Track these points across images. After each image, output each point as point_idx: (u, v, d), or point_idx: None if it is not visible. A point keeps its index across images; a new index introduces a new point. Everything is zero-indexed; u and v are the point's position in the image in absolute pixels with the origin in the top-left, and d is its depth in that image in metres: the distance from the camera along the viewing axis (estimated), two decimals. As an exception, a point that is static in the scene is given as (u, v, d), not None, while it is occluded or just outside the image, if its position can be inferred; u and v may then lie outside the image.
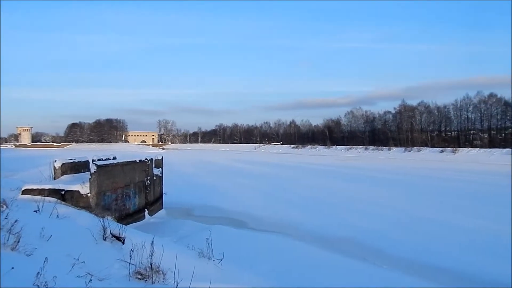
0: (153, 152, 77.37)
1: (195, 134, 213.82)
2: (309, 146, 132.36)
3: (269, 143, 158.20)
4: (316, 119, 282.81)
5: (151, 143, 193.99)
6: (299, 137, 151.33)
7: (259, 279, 8.18)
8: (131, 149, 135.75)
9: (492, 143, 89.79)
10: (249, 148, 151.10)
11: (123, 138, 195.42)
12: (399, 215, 18.21)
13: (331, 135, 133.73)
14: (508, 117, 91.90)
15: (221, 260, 8.40)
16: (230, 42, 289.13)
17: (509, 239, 13.44)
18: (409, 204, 21.64)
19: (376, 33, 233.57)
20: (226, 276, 7.73)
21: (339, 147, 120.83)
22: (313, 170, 48.08)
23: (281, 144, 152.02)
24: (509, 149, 78.67)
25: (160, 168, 20.43)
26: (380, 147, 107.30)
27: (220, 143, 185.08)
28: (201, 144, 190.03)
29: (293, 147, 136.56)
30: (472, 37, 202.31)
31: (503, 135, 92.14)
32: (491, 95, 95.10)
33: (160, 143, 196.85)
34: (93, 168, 13.12)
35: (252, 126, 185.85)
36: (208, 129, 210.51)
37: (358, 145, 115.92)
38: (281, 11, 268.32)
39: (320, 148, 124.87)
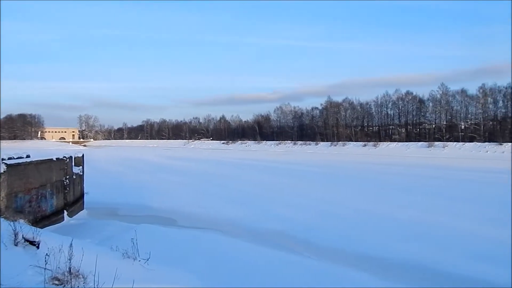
0: (73, 150, 72.60)
1: (120, 130, 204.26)
2: (239, 141, 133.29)
3: (199, 139, 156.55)
4: (246, 114, 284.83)
5: (71, 140, 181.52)
6: (229, 132, 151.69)
7: (188, 278, 8.02)
8: (48, 146, 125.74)
9: (408, 137, 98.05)
10: (178, 144, 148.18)
11: (39, 134, 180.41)
12: (327, 206, 18.94)
13: (261, 130, 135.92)
14: (422, 113, 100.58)
15: (147, 260, 8.10)
16: (157, 36, 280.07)
17: (426, 224, 14.76)
18: (336, 195, 22.63)
19: (304, 31, 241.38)
20: (152, 276, 7.46)
21: (268, 142, 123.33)
22: (244, 165, 48.51)
23: (211, 139, 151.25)
24: (424, 143, 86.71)
25: (81, 166, 19.19)
26: (308, 141, 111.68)
27: (148, 139, 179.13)
28: (127, 140, 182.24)
29: (223, 143, 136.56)
30: (391, 38, 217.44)
31: (418, 130, 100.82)
32: (408, 93, 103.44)
33: (81, 139, 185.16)
34: (2, 167, 11.90)
35: (181, 121, 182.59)
36: (135, 125, 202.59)
37: (287, 140, 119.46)
38: (212, 7, 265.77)
39: (250, 144, 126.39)
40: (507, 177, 32.80)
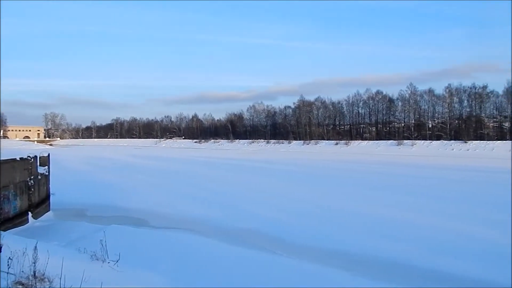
0: (38, 149, 69.97)
1: (88, 128, 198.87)
2: (212, 140, 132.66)
3: (170, 137, 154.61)
4: (219, 113, 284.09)
5: (36, 138, 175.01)
6: (202, 131, 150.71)
7: (158, 279, 7.86)
8: (11, 145, 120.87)
9: (379, 136, 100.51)
10: (149, 143, 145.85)
11: (1, 133, 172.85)
12: (299, 204, 19.09)
13: (233, 129, 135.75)
14: (392, 113, 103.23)
15: (116, 262, 7.88)
16: (127, 32, 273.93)
17: (396, 220, 15.13)
18: (308, 193, 22.81)
19: (276, 31, 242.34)
20: (121, 278, 7.26)
21: (241, 141, 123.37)
22: (216, 164, 48.27)
23: (183, 138, 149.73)
24: (394, 141, 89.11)
25: (47, 166, 18.49)
26: (281, 140, 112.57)
27: (118, 138, 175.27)
28: (96, 139, 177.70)
29: (195, 142, 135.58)
30: (361, 38, 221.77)
31: (388, 128, 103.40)
32: (378, 92, 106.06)
33: (47, 138, 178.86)
34: (-40, 167, 11.28)
35: (152, 120, 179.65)
36: (104, 124, 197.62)
37: (260, 139, 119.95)
38: (185, 4, 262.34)
39: (223, 142, 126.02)
40: (474, 174, 34.24)
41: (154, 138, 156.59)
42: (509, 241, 11.69)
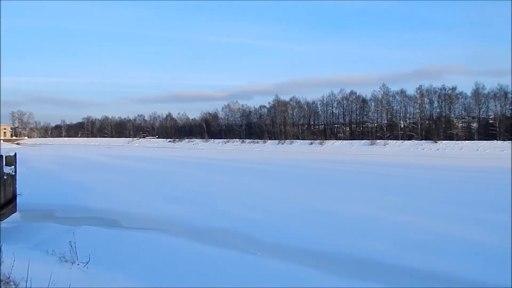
0: (5, 148, 67.46)
1: (58, 127, 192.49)
2: (187, 139, 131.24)
3: (143, 137, 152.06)
4: (194, 112, 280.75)
5: (2, 137, 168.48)
6: (176, 130, 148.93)
7: (129, 280, 7.70)
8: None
9: (352, 136, 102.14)
10: (122, 142, 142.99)
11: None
12: (273, 203, 19.11)
13: (208, 128, 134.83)
14: (365, 113, 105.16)
15: (86, 264, 7.67)
16: (98, 29, 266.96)
17: (367, 218, 15.40)
18: (282, 192, 22.85)
19: (251, 30, 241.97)
20: (91, 280, 7.06)
21: (216, 140, 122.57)
22: (191, 163, 47.87)
23: (157, 137, 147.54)
24: (367, 141, 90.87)
25: (13, 166, 17.78)
26: (256, 140, 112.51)
27: (89, 137, 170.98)
28: (66, 138, 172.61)
29: (169, 141, 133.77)
30: (335, 39, 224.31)
31: (361, 128, 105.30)
32: (352, 93, 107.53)
33: (14, 137, 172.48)
34: None
35: (124, 119, 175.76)
36: (74, 122, 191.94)
37: (235, 138, 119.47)
38: (158, 3, 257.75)
39: (198, 142, 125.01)
40: (442, 173, 35.32)
41: (126, 137, 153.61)
42: (482, 237, 12.15)
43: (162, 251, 10.73)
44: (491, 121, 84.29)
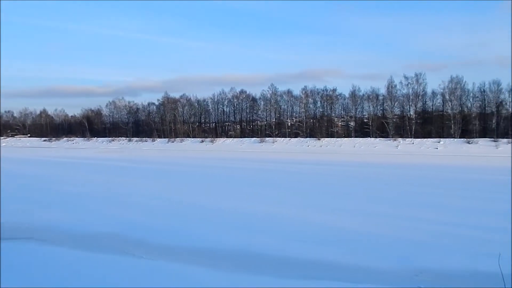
0: None
1: None
2: (65, 138, 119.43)
3: (13, 135, 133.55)
4: (73, 109, 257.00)
5: None
6: (53, 128, 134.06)
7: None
8: None
9: (243, 133, 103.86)
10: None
11: None
12: (163, 203, 17.43)
13: (91, 126, 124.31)
14: (255, 111, 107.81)
15: None
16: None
17: (259, 214, 14.85)
18: (172, 191, 21.42)
19: (134, 23, 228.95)
20: None
21: (100, 139, 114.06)
22: (70, 164, 42.71)
23: (29, 136, 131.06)
24: (257, 138, 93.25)
25: None
26: (145, 138, 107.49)
27: None
28: None
29: (44, 140, 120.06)
30: (225, 37, 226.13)
31: (251, 126, 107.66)
32: (242, 92, 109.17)
33: None
34: None
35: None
36: None
37: (122, 137, 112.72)
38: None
39: (79, 141, 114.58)
40: (327, 168, 37.41)
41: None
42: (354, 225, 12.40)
43: (37, 263, 9.02)
44: (365, 120, 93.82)
